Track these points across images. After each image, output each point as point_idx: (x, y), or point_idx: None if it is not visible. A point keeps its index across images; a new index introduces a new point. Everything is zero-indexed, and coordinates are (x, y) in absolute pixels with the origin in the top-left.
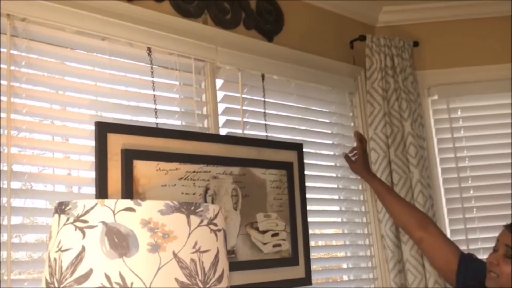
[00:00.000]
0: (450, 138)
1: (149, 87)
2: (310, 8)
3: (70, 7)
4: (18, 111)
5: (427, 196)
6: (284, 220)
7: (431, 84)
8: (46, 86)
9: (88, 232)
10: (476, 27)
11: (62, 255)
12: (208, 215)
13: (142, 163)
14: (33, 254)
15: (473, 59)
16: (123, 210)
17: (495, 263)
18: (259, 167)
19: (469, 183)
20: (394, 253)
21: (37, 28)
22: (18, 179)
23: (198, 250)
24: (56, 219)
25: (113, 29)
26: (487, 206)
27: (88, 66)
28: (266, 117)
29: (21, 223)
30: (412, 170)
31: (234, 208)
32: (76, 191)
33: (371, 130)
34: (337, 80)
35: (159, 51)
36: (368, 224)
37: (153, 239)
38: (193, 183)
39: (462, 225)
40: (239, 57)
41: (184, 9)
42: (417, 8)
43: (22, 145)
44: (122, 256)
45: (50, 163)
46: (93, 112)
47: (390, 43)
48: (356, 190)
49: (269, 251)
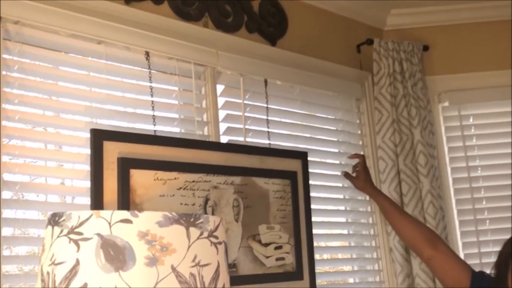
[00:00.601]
0: (462, 147)
1: (147, 92)
2: (315, 10)
3: (64, 9)
4: (10, 117)
5: (438, 207)
6: (287, 232)
7: (442, 90)
8: (39, 92)
9: (83, 245)
10: (489, 31)
11: (55, 268)
12: (208, 227)
13: (140, 173)
14: (25, 267)
15: (486, 64)
16: (119, 221)
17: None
18: (262, 177)
19: (482, 194)
20: (403, 267)
21: (30, 31)
22: (9, 189)
23: (198, 263)
24: (49, 231)
25: (110, 32)
26: (501, 218)
27: (83, 71)
28: (269, 124)
29: (12, 234)
30: (422, 180)
31: (235, 220)
32: (70, 201)
33: (379, 138)
34: (343, 85)
35: (158, 55)
36: (376, 236)
37: (150, 252)
38: (192, 193)
39: (474, 238)
40: (241, 61)
41: (184, 11)
42: (427, 10)
43: (14, 153)
44: (118, 270)
45: (43, 172)
46: (88, 119)
47: (398, 47)
48: (363, 200)
49: (272, 265)
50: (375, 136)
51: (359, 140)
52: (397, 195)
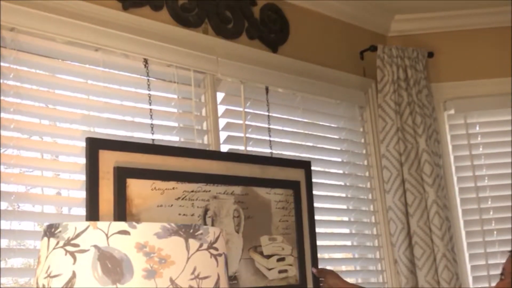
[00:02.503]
0: (468, 156)
1: (145, 100)
2: (317, 16)
3: (61, 16)
4: (5, 126)
5: (444, 217)
6: (290, 243)
7: (447, 97)
8: (36, 100)
9: (80, 257)
10: (495, 37)
11: (51, 281)
12: (208, 239)
13: (136, 182)
14: (20, 279)
15: (493, 71)
16: (117, 233)
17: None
18: (263, 187)
19: (489, 204)
20: (409, 279)
21: (26, 38)
22: (5, 199)
23: (197, 276)
24: (45, 243)
25: (107, 39)
26: (508, 229)
27: (81, 79)
28: (270, 132)
29: (7, 246)
30: (428, 190)
31: (236, 231)
32: (66, 212)
33: (383, 146)
34: (347, 93)
35: (156, 62)
36: (380, 248)
37: (149, 264)
38: (191, 204)
39: (482, 249)
40: (241, 68)
41: (183, 18)
42: (431, 16)
43: (9, 162)
44: (115, 282)
45: (39, 182)
46: (85, 128)
47: (403, 54)
48: (367, 211)
49: (275, 277)
50: (379, 144)
51: (363, 149)
52: (402, 205)
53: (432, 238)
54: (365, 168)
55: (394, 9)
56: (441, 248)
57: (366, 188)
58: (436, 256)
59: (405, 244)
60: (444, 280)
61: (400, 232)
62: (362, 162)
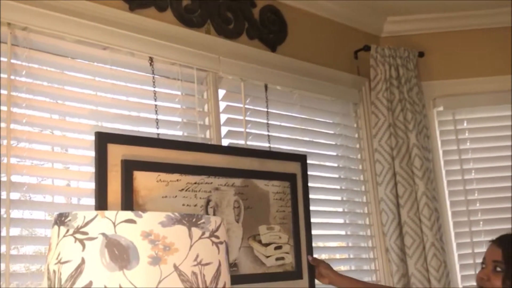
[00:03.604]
0: (456, 150)
1: (150, 97)
2: (314, 18)
3: (71, 16)
4: (18, 121)
5: (433, 209)
6: (287, 232)
7: (437, 95)
8: (46, 96)
9: (88, 244)
10: (483, 38)
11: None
12: (209, 227)
13: (143, 174)
14: (32, 266)
15: (480, 70)
16: (123, 221)
17: (486, 278)
18: (262, 179)
19: (476, 196)
20: (399, 267)
21: (37, 37)
22: (17, 190)
23: (200, 263)
24: (55, 231)
25: (115, 39)
26: (493, 220)
27: (89, 76)
28: (269, 128)
29: (19, 234)
30: (418, 183)
31: (236, 220)
32: (75, 202)
33: (376, 141)
34: (341, 90)
35: (161, 61)
36: (372, 237)
37: (154, 251)
38: (194, 195)
39: (468, 239)
40: (242, 67)
41: (187, 18)
42: (422, 18)
43: (22, 155)
44: (122, 268)
45: (50, 173)
46: (93, 122)
47: (395, 54)
48: (360, 202)
49: (272, 264)
50: (372, 139)
51: (356, 144)
52: (393, 197)
53: (422, 228)
54: (358, 161)
55: (386, 11)
56: (430, 237)
57: (359, 181)
58: (425, 245)
59: (396, 234)
60: (432, 267)
61: (392, 222)
62: (356, 156)
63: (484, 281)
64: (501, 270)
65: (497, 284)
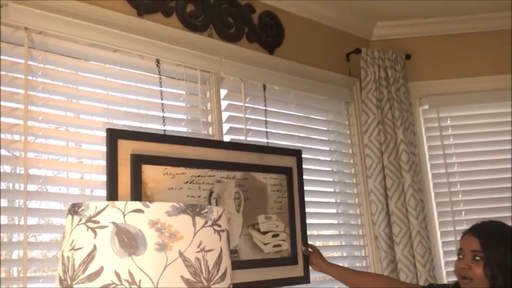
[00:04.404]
0: (440, 146)
1: (157, 96)
2: (308, 23)
3: (84, 21)
4: (35, 118)
5: (418, 200)
6: (284, 221)
7: (422, 94)
8: (61, 95)
9: (100, 232)
10: (465, 42)
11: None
12: (212, 217)
13: (150, 168)
14: (48, 253)
15: (462, 71)
16: (132, 211)
17: (467, 268)
18: (261, 172)
19: (458, 188)
20: (387, 253)
21: (53, 41)
22: (34, 182)
23: (203, 249)
24: (69, 220)
25: (124, 42)
26: (475, 210)
27: (101, 77)
28: (267, 124)
29: (36, 223)
30: (404, 175)
31: (236, 210)
32: (88, 193)
33: (366, 137)
34: (334, 90)
35: (167, 62)
36: (362, 226)
37: (160, 238)
38: (198, 187)
39: (451, 227)
40: (242, 68)
41: (191, 23)
42: (409, 23)
43: (38, 150)
44: (131, 254)
45: (64, 167)
46: (105, 120)
47: (383, 56)
48: (352, 194)
49: (270, 251)
50: (362, 135)
51: (348, 139)
52: (382, 188)
53: (408, 217)
54: (350, 156)
55: (376, 16)
56: (416, 226)
57: (351, 174)
58: (411, 233)
59: (385, 223)
60: (418, 254)
61: (380, 212)
62: (347, 150)
63: (465, 271)
64: (480, 258)
65: (478, 272)
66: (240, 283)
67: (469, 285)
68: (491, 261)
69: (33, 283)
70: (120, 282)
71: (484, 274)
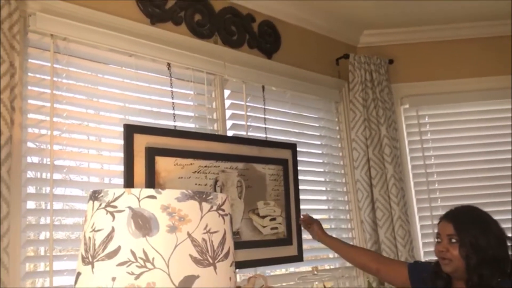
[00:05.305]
0: (419, 140)
1: (168, 95)
2: (302, 31)
3: (103, 28)
4: (59, 115)
5: (399, 188)
6: (280, 207)
7: (404, 95)
8: (83, 94)
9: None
10: (441, 48)
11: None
12: (217, 202)
13: (163, 159)
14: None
15: (439, 74)
16: (146, 197)
17: (445, 250)
18: (260, 163)
19: (435, 178)
20: (372, 235)
21: (75, 46)
22: (59, 172)
23: (209, 231)
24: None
25: (139, 47)
26: (449, 197)
27: (118, 78)
28: (266, 121)
29: (61, 208)
30: (387, 167)
31: (238, 197)
32: (107, 181)
33: (353, 133)
34: (325, 91)
35: (177, 66)
36: (350, 211)
37: (171, 221)
38: (205, 176)
39: (428, 212)
40: (243, 71)
41: (198, 31)
42: (391, 32)
43: (63, 143)
44: (145, 235)
45: (86, 158)
46: (121, 116)
47: (369, 61)
48: (340, 183)
49: (268, 233)
50: (350, 131)
51: (337, 135)
52: (367, 178)
53: (390, 204)
54: (339, 149)
55: (363, 26)
56: (397, 211)
57: (340, 165)
58: (393, 217)
59: (369, 208)
60: (399, 236)
61: (366, 199)
62: (337, 144)
63: (444, 253)
64: (455, 241)
65: (455, 253)
66: (241, 261)
67: (449, 265)
68: (465, 242)
69: (58, 261)
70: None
71: (460, 254)
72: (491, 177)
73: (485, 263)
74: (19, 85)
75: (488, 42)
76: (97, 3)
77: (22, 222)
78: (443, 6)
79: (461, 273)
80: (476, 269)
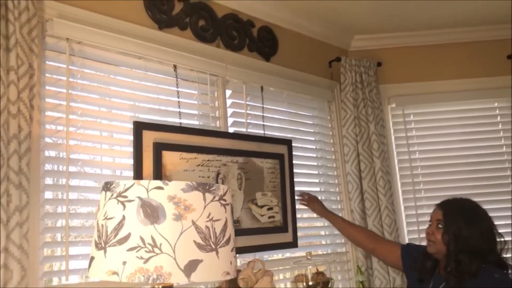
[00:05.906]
0: (405, 137)
1: (174, 95)
2: (298, 36)
3: (115, 33)
4: (75, 112)
5: (386, 180)
6: (277, 197)
7: (391, 95)
8: (96, 94)
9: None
10: (426, 52)
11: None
12: (219, 193)
13: (169, 153)
14: (85, 222)
15: (423, 76)
16: (154, 188)
17: (431, 233)
18: (259, 157)
19: (419, 171)
20: (361, 223)
21: (89, 49)
22: (74, 165)
23: (211, 219)
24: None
25: (147, 51)
26: (432, 189)
27: (128, 79)
28: (264, 119)
29: (76, 198)
30: (375, 161)
31: (239, 188)
32: (118, 174)
33: (344, 129)
34: (318, 91)
35: (183, 67)
36: (341, 201)
37: (177, 210)
38: (207, 169)
39: (413, 203)
40: (243, 73)
41: (202, 35)
42: (380, 36)
43: (77, 138)
44: (153, 223)
45: (99, 152)
46: (131, 114)
47: (359, 63)
48: (332, 175)
49: (265, 221)
50: (341, 128)
51: (330, 131)
52: (357, 171)
53: (378, 195)
54: (331, 145)
55: (354, 31)
56: (384, 202)
57: (332, 159)
58: (380, 207)
59: (359, 199)
60: (386, 224)
61: (355, 190)
62: (329, 140)
63: (430, 235)
64: (442, 226)
65: (438, 237)
66: (241, 247)
67: (432, 246)
68: (449, 230)
69: (74, 247)
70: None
71: (442, 240)
72: (471, 170)
73: (464, 252)
74: (37, 85)
75: (469, 46)
76: (109, 10)
77: (41, 210)
78: (428, 14)
79: (441, 256)
80: (454, 255)
